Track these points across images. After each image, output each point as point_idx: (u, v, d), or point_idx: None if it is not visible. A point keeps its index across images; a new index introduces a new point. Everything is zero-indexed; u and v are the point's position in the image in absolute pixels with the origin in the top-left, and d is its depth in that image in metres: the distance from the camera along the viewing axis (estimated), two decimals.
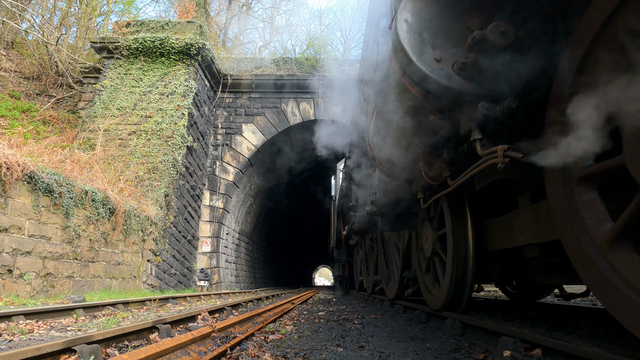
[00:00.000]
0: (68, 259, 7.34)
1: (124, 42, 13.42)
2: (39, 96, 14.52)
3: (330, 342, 2.91)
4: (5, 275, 6.01)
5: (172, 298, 7.59)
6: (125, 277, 9.18)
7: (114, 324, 4.03)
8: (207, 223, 14.92)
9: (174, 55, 13.57)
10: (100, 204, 8.17)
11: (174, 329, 3.59)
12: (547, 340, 1.88)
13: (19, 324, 3.74)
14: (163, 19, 14.89)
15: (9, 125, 11.51)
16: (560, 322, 2.85)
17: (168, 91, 13.07)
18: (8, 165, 6.03)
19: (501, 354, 2.05)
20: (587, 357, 1.59)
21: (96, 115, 12.41)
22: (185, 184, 13.06)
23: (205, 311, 4.59)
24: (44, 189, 6.75)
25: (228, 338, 3.04)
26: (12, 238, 6.16)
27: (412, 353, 2.45)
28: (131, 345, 2.79)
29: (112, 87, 13.06)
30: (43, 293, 6.71)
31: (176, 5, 18.97)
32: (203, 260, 14.42)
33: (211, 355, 2.37)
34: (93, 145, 11.67)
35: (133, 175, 10.96)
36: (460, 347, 2.53)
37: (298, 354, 2.47)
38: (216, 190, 15.29)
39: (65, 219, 7.24)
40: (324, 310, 6.09)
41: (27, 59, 15.61)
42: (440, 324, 3.30)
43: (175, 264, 12.08)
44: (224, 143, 15.79)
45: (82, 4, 18.00)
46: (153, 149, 11.77)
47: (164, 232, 11.08)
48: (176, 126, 12.38)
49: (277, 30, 31.52)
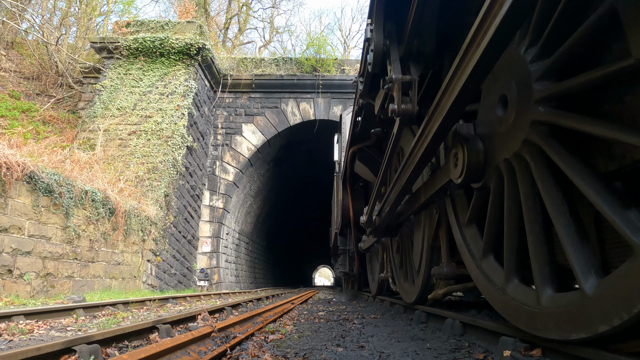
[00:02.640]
0: (68, 259, 7.34)
1: (124, 42, 13.43)
2: (38, 96, 14.53)
3: (330, 342, 2.91)
4: (5, 275, 6.01)
5: (172, 298, 7.59)
6: (125, 277, 9.18)
7: (114, 324, 4.03)
8: (207, 223, 14.92)
9: (174, 55, 13.58)
10: (100, 204, 8.17)
11: (174, 329, 3.59)
12: (547, 340, 1.87)
13: (19, 324, 3.74)
14: (163, 19, 14.90)
15: (9, 125, 11.51)
16: None
17: (168, 91, 13.08)
18: (8, 166, 6.03)
19: (501, 354, 2.05)
20: (587, 357, 1.60)
21: (96, 115, 12.41)
22: (185, 184, 13.06)
23: (205, 311, 4.59)
24: (44, 189, 6.76)
25: (228, 338, 3.04)
26: (12, 238, 6.16)
27: (412, 353, 2.45)
28: (131, 345, 2.79)
29: (112, 87, 13.07)
30: (43, 293, 6.71)
31: (176, 5, 18.99)
32: (203, 260, 14.42)
33: (211, 355, 2.37)
34: (93, 145, 11.68)
35: (133, 175, 10.96)
36: (460, 347, 2.53)
37: (298, 354, 2.47)
38: (216, 190, 15.30)
39: (65, 219, 7.24)
40: (324, 310, 6.09)
41: (27, 59, 15.62)
42: (440, 324, 3.30)
43: (175, 264, 12.08)
44: (224, 143, 15.79)
45: (82, 4, 18.01)
46: (153, 149, 11.78)
47: (164, 232, 11.08)
48: (176, 126, 12.38)
49: (277, 30, 31.52)
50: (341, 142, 9.19)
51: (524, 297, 1.95)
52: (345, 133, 8.67)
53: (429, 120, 2.32)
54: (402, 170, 3.13)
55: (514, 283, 2.09)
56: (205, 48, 13.77)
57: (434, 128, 2.23)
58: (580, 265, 1.55)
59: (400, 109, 2.53)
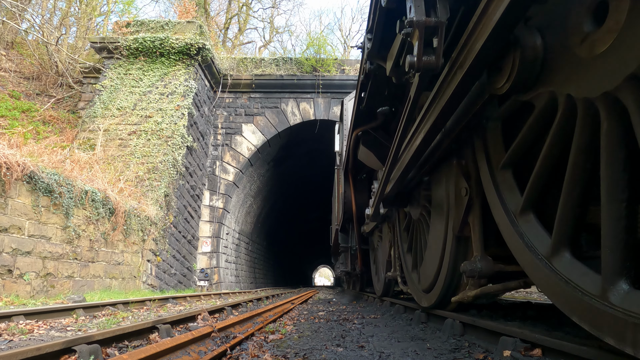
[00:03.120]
0: (68, 259, 7.33)
1: (124, 42, 13.43)
2: (38, 96, 14.53)
3: (330, 342, 2.91)
4: (5, 275, 6.01)
5: (172, 298, 7.59)
6: (125, 277, 9.18)
7: (114, 324, 4.03)
8: (207, 223, 14.92)
9: (174, 55, 13.58)
10: (100, 204, 8.17)
11: (174, 329, 3.59)
12: (547, 340, 1.88)
13: (19, 324, 3.74)
14: (163, 19, 14.91)
15: (9, 125, 11.51)
16: (560, 322, 2.85)
17: (168, 91, 13.08)
18: (8, 166, 6.03)
19: (501, 354, 2.05)
20: (587, 357, 1.59)
21: (96, 115, 12.41)
22: (185, 184, 13.06)
23: (205, 311, 4.59)
24: (44, 189, 6.75)
25: (228, 338, 3.03)
26: (12, 238, 6.16)
27: (412, 353, 2.45)
28: (131, 345, 2.79)
29: (112, 87, 13.07)
30: (43, 293, 6.71)
31: (176, 6, 18.99)
32: (203, 260, 14.42)
33: (211, 355, 2.37)
34: (93, 145, 11.68)
35: (133, 175, 10.96)
36: (460, 347, 2.53)
37: (298, 354, 2.47)
38: (216, 190, 15.30)
39: (65, 219, 7.24)
40: (324, 310, 6.09)
41: (27, 59, 15.62)
42: (440, 324, 3.30)
43: (175, 264, 12.08)
44: (224, 143, 15.80)
45: (82, 4, 18.01)
46: (153, 149, 11.78)
47: (164, 232, 11.08)
48: (176, 126, 12.39)
49: (277, 30, 31.53)
50: (342, 132, 8.47)
51: (581, 280, 1.52)
52: (347, 121, 7.97)
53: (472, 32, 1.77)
54: (427, 114, 2.43)
55: (565, 258, 1.63)
56: (205, 48, 13.77)
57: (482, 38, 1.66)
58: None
59: (422, 62, 2.02)
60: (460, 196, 2.80)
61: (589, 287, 1.49)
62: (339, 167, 8.95)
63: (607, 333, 1.37)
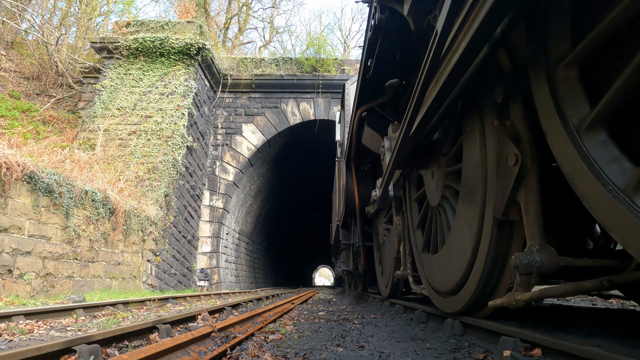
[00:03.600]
0: (68, 259, 7.34)
1: (124, 42, 13.43)
2: (38, 96, 14.53)
3: (330, 342, 2.91)
4: (5, 275, 6.01)
5: (172, 298, 7.59)
6: (125, 277, 9.18)
7: (114, 324, 4.03)
8: (207, 223, 14.92)
9: (174, 55, 13.59)
10: (100, 204, 8.17)
11: (174, 329, 3.59)
12: (547, 340, 1.87)
13: (19, 324, 3.74)
14: (163, 19, 14.90)
15: (9, 125, 11.51)
16: (560, 322, 2.85)
17: (168, 91, 13.08)
18: (8, 166, 6.03)
19: (501, 354, 2.05)
20: (587, 357, 1.59)
21: (96, 115, 12.42)
22: (185, 184, 13.06)
23: (205, 311, 4.59)
24: (44, 189, 6.76)
25: (228, 338, 3.03)
26: (12, 238, 6.16)
27: (412, 353, 2.45)
28: (131, 345, 2.79)
29: (112, 87, 13.07)
30: (43, 293, 6.71)
31: (176, 5, 18.99)
32: (203, 260, 14.42)
33: (211, 355, 2.37)
34: (93, 145, 11.68)
35: (133, 175, 10.96)
36: (460, 347, 2.53)
37: (298, 354, 2.47)
38: (216, 190, 15.30)
39: (65, 219, 7.24)
40: (324, 310, 6.09)
41: (27, 59, 15.62)
42: (440, 324, 3.30)
43: (175, 264, 12.08)
44: (224, 143, 15.80)
45: (82, 4, 18.01)
46: (153, 149, 11.78)
47: (164, 232, 11.08)
48: (176, 126, 12.39)
49: (277, 30, 31.53)
50: (344, 120, 7.79)
51: None
52: (349, 105, 7.37)
53: None
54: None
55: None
56: (205, 48, 13.77)
57: None
58: None
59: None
60: (506, 166, 2.14)
61: (617, 181, 1.10)
62: (339, 158, 8.36)
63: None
